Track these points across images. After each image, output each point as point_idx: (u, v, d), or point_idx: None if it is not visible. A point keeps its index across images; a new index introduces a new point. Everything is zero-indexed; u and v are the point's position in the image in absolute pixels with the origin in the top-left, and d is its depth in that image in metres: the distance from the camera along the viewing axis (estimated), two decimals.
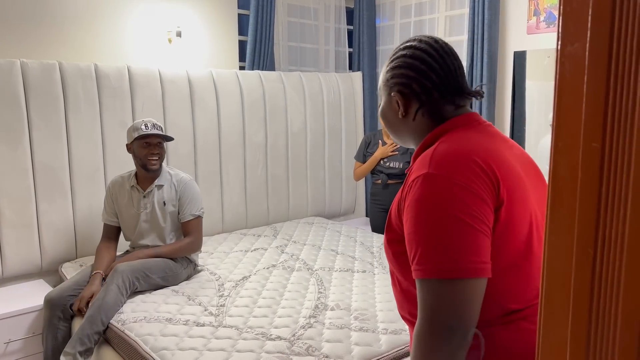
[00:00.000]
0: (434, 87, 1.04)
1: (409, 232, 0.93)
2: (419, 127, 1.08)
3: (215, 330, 2.05)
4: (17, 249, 2.75)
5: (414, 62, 1.05)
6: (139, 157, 2.56)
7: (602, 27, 0.46)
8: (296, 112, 3.89)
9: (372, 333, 2.01)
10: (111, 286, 2.26)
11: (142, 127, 2.55)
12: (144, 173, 2.62)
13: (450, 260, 0.87)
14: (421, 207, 0.91)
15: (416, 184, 0.94)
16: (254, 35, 3.74)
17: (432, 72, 1.04)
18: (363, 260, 2.94)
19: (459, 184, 0.90)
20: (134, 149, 2.58)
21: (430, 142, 1.04)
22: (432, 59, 1.04)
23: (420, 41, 1.07)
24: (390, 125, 1.14)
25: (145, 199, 2.62)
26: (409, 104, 1.07)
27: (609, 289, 0.48)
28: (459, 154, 0.95)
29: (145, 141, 2.54)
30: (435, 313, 0.88)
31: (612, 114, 0.46)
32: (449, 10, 3.95)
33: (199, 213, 2.67)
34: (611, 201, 0.47)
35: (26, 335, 2.46)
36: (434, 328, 0.88)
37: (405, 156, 3.47)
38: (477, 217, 0.90)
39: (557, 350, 0.53)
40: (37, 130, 2.76)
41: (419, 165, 0.97)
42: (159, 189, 2.63)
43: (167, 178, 2.67)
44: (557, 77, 0.51)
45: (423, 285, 0.90)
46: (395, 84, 1.07)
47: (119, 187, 2.67)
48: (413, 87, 1.05)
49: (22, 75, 2.70)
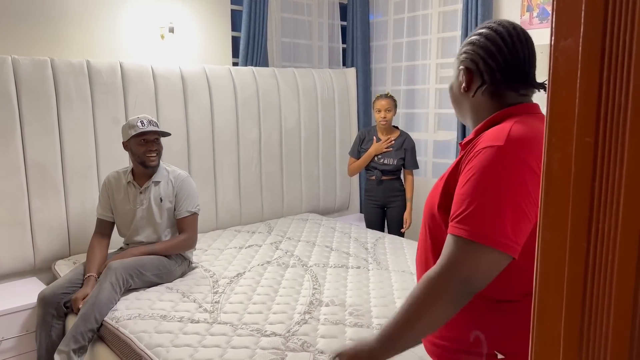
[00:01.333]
0: (499, 69, 1.08)
1: (462, 192, 0.98)
2: (478, 105, 1.12)
3: (210, 327, 2.05)
4: (10, 247, 2.74)
5: (486, 43, 1.09)
6: (137, 154, 2.55)
7: (595, 22, 0.46)
8: (290, 108, 3.88)
9: (366, 328, 2.02)
10: (104, 284, 2.25)
11: (138, 124, 2.53)
12: (141, 169, 2.61)
13: (491, 230, 0.93)
14: (486, 174, 0.95)
15: (486, 152, 0.97)
16: (247, 31, 3.72)
17: (499, 55, 1.08)
18: (357, 256, 2.95)
19: (529, 166, 0.95)
20: (131, 146, 2.56)
21: (498, 120, 1.07)
22: (504, 42, 1.08)
23: (499, 24, 1.12)
24: (453, 97, 1.20)
25: (142, 195, 2.61)
26: (472, 80, 1.12)
27: (602, 283, 0.48)
28: (533, 139, 0.98)
29: (143, 138, 2.53)
30: (456, 265, 0.95)
31: (605, 108, 0.46)
32: (442, 6, 3.95)
33: (194, 210, 2.66)
34: (604, 195, 0.47)
35: (20, 333, 2.45)
36: (450, 277, 0.95)
37: (399, 152, 3.48)
38: (531, 203, 0.94)
39: (550, 342, 0.53)
40: (29, 127, 2.74)
41: (492, 137, 1.00)
42: (155, 185, 2.63)
43: (164, 174, 2.66)
44: (550, 72, 0.51)
45: (455, 242, 0.96)
46: (465, 59, 1.13)
47: (116, 183, 2.65)
48: (479, 65, 1.10)
49: (13, 72, 2.68)
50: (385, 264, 2.82)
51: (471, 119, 1.15)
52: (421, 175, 4.17)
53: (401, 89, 4.29)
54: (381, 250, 3.06)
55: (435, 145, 4.17)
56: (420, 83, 4.18)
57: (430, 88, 4.11)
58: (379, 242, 3.21)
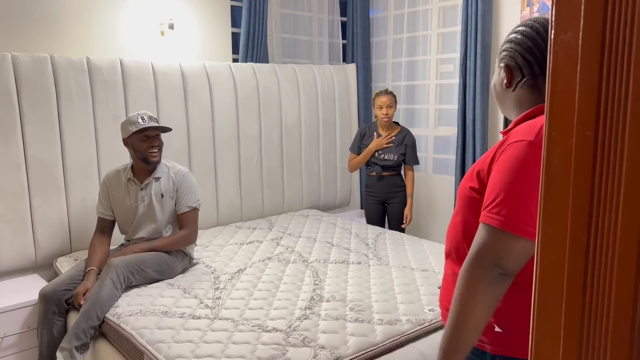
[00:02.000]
0: (536, 62, 1.13)
1: (494, 182, 1.04)
2: (519, 99, 1.17)
3: (212, 323, 2.06)
4: (11, 244, 2.74)
5: (523, 39, 1.15)
6: (139, 150, 2.55)
7: (595, 16, 0.46)
8: (290, 104, 3.88)
9: (367, 324, 2.02)
10: (105, 280, 2.26)
11: (139, 120, 2.53)
12: (142, 166, 2.61)
13: (520, 220, 0.99)
14: (516, 167, 1.01)
15: (517, 146, 1.03)
16: (247, 27, 3.72)
17: (536, 49, 1.13)
18: (358, 252, 2.95)
19: None
20: (132, 143, 2.56)
21: (535, 114, 1.12)
22: (540, 37, 1.13)
23: (535, 21, 1.16)
24: (496, 94, 1.25)
25: (143, 192, 2.61)
26: (512, 76, 1.17)
27: (602, 277, 0.48)
28: None
29: (144, 134, 2.53)
30: (486, 251, 1.01)
31: (605, 102, 0.46)
32: (443, 2, 3.94)
33: (195, 205, 2.67)
34: (604, 189, 0.47)
35: (21, 330, 2.46)
36: (481, 263, 1.01)
37: (399, 148, 3.48)
38: None
39: (550, 336, 0.53)
40: (29, 124, 2.74)
41: (524, 131, 1.05)
42: (156, 181, 2.63)
43: (164, 170, 2.66)
44: (550, 66, 0.51)
45: (487, 230, 1.02)
46: (504, 56, 1.19)
47: (115, 181, 2.66)
48: (517, 61, 1.16)
49: (13, 69, 2.68)
50: (386, 259, 2.82)
51: (514, 110, 1.20)
52: (422, 171, 4.17)
53: (401, 85, 4.28)
54: (382, 246, 3.07)
55: (436, 140, 4.16)
56: (421, 79, 4.18)
57: (430, 84, 4.10)
58: (379, 237, 3.22)
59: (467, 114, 3.63)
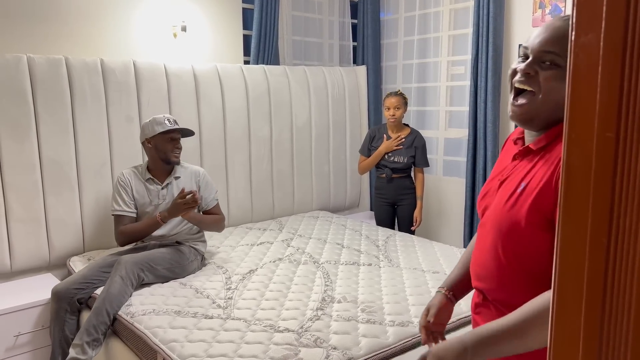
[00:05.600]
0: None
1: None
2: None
3: (224, 323, 2.07)
4: (26, 243, 2.78)
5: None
6: (163, 150, 2.63)
7: (617, 18, 0.46)
8: (301, 106, 3.89)
9: (379, 325, 2.02)
10: (115, 277, 2.28)
11: (166, 122, 2.63)
12: (161, 166, 2.68)
13: None
14: None
15: None
16: (258, 29, 3.73)
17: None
18: (369, 253, 2.95)
19: None
20: (155, 143, 2.63)
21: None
22: None
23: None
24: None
25: (164, 191, 2.68)
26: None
27: (622, 278, 0.48)
28: None
29: (170, 136, 2.64)
30: None
31: (626, 104, 0.46)
32: (454, 3, 3.93)
33: (217, 197, 2.86)
34: (625, 191, 0.47)
35: (35, 329, 2.48)
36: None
37: (409, 150, 3.47)
38: None
39: (569, 338, 0.53)
40: (44, 125, 2.78)
41: None
42: (176, 179, 2.72)
43: (182, 170, 2.76)
44: (570, 67, 0.51)
45: None
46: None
47: (135, 179, 2.68)
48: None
49: (28, 71, 2.71)
50: (397, 261, 2.82)
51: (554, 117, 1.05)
52: (432, 174, 4.16)
53: (412, 87, 4.28)
54: (392, 247, 3.06)
55: (447, 143, 4.15)
56: (432, 81, 4.17)
57: (441, 85, 4.09)
58: (389, 239, 3.21)
59: (479, 116, 3.62)
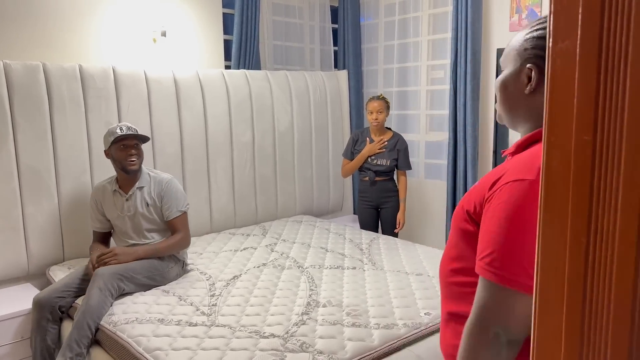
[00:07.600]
0: None
1: (491, 230, 0.90)
2: (537, 109, 0.97)
3: (209, 330, 2.05)
4: (3, 253, 2.72)
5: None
6: (118, 160, 2.59)
7: (592, 25, 0.48)
8: (283, 111, 3.89)
9: (364, 328, 2.03)
10: (93, 290, 2.25)
11: (117, 130, 2.58)
12: (124, 176, 2.64)
13: (522, 274, 0.86)
14: (515, 214, 0.87)
15: (516, 188, 0.88)
16: (239, 34, 3.73)
17: None
18: (353, 257, 2.96)
19: None
20: (112, 153, 2.61)
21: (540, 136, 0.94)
22: None
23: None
24: (507, 98, 1.03)
25: (129, 202, 2.63)
26: (542, 81, 0.94)
27: (602, 278, 0.49)
28: None
29: (122, 144, 2.58)
30: (489, 314, 0.89)
31: (602, 108, 0.48)
32: (433, 9, 3.98)
33: (184, 209, 2.71)
34: (603, 192, 0.49)
35: (14, 340, 2.43)
36: (484, 329, 0.89)
37: (392, 153, 3.50)
38: None
39: (552, 337, 0.54)
40: (21, 132, 2.73)
41: (522, 167, 0.90)
42: (140, 190, 2.66)
43: (147, 179, 2.69)
44: (548, 73, 0.52)
45: (487, 288, 0.89)
46: (535, 55, 0.96)
47: (102, 194, 2.69)
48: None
49: (5, 77, 2.66)
50: (381, 264, 2.83)
51: (526, 123, 1.01)
52: (414, 176, 4.19)
53: (393, 91, 4.31)
54: (376, 250, 3.08)
55: (428, 146, 4.19)
56: (412, 85, 4.21)
57: (421, 90, 4.13)
58: (373, 242, 3.23)
59: (458, 119, 3.66)
